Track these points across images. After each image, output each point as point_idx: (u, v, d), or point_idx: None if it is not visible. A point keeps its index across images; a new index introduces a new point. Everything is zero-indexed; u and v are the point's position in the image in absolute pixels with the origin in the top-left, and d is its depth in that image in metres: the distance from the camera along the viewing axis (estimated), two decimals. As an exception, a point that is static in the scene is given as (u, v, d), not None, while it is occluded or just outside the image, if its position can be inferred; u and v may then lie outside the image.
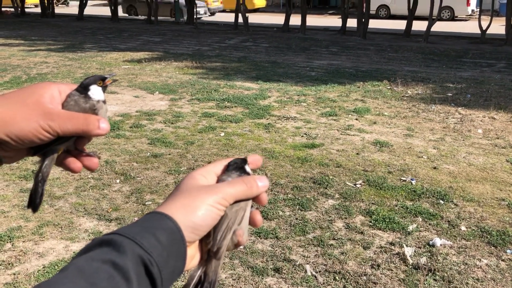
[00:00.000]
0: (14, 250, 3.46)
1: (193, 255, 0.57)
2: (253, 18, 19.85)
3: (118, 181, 4.68)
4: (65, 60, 11.67)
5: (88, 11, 23.61)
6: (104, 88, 0.64)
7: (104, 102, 0.63)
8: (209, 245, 0.59)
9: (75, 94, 0.60)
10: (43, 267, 3.25)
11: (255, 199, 0.61)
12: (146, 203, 4.20)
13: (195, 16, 19.32)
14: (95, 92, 0.62)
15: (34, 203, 0.61)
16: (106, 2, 24.42)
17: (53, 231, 3.73)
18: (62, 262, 3.30)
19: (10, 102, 0.54)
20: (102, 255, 0.47)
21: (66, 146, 0.61)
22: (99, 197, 4.32)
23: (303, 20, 16.68)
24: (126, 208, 4.12)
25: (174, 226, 0.52)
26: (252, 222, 0.63)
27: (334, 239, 3.62)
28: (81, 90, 0.61)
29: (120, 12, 22.72)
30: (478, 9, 15.06)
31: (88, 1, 23.72)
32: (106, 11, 23.60)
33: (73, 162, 0.62)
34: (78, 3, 20.30)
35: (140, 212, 4.04)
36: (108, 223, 3.87)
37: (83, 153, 0.62)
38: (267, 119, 6.76)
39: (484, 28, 14.03)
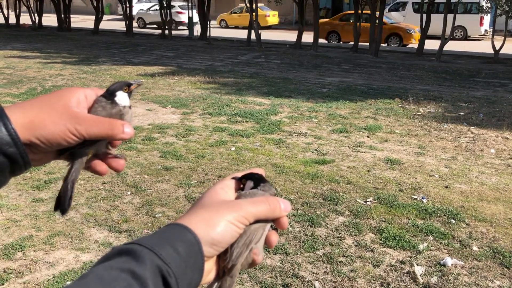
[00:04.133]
0: (25, 259, 3.49)
1: (209, 270, 0.57)
2: (266, 35, 20.03)
3: (129, 193, 4.71)
4: (80, 73, 11.86)
5: (103, 25, 24.03)
6: (130, 94, 0.65)
7: (130, 107, 0.64)
8: (225, 262, 0.58)
9: (102, 100, 0.61)
10: (53, 277, 3.26)
11: (275, 221, 0.61)
12: (156, 215, 4.22)
13: (208, 33, 19.55)
14: (121, 97, 0.63)
15: (63, 206, 0.63)
16: (121, 17, 24.84)
17: (64, 241, 3.75)
18: (71, 272, 3.32)
19: (40, 106, 0.56)
20: (121, 264, 0.47)
21: (95, 149, 0.62)
22: (110, 209, 4.35)
23: (315, 37, 16.79)
24: (136, 220, 4.14)
25: (193, 239, 0.53)
26: (267, 242, 0.62)
27: (343, 256, 3.59)
28: (107, 96, 0.62)
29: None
30: (492, 29, 15.04)
31: (104, 16, 24.17)
32: (121, 26, 24.00)
33: (99, 164, 0.64)
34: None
35: (150, 225, 4.05)
36: (118, 235, 3.89)
37: (110, 155, 0.64)
38: (278, 134, 6.78)
39: (497, 48, 13.99)
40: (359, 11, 16.18)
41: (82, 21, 29.54)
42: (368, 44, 16.26)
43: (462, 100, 9.06)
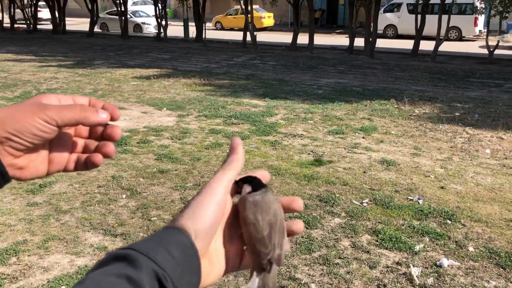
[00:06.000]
0: (19, 264, 3.46)
1: (207, 272, 0.56)
2: (261, 37, 20.03)
3: (124, 196, 4.69)
4: (75, 76, 11.82)
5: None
6: None
7: None
8: (265, 255, 0.58)
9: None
10: (48, 282, 3.24)
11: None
12: (152, 218, 4.20)
13: (204, 35, 19.54)
14: None
15: None
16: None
17: (59, 246, 3.73)
18: (66, 277, 3.29)
19: (10, 107, 0.55)
20: (118, 270, 0.47)
21: None
22: (105, 212, 4.33)
23: (311, 39, 16.81)
24: (131, 224, 4.12)
25: (188, 241, 0.52)
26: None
27: (340, 258, 3.58)
28: None
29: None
30: (486, 30, 15.10)
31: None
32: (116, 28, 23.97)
33: (93, 156, 0.60)
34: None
35: (145, 228, 4.04)
36: (114, 238, 3.87)
37: (99, 142, 0.61)
38: (274, 136, 6.77)
39: (491, 48, 14.05)
40: (353, 14, 16.21)
41: (77, 23, 29.45)
42: (363, 45, 16.28)
43: (457, 100, 9.08)
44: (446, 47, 16.11)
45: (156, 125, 7.30)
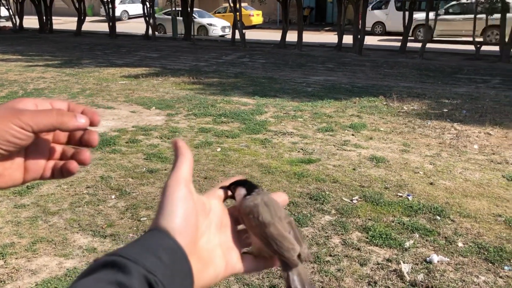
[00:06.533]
0: (6, 267, 3.42)
1: (199, 268, 0.55)
2: (250, 35, 19.99)
3: (113, 196, 4.65)
4: (62, 76, 11.70)
5: (86, 26, 23.76)
6: None
7: None
8: (295, 252, 0.59)
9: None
10: (36, 285, 3.20)
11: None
12: (141, 219, 4.17)
13: (192, 33, 19.45)
14: None
15: None
16: (104, 18, 24.56)
17: (47, 248, 3.69)
18: (55, 280, 3.25)
19: None
20: (107, 276, 0.46)
21: None
22: (94, 213, 4.29)
23: (300, 36, 16.82)
24: (121, 224, 4.09)
25: (174, 244, 0.51)
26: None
27: (330, 255, 3.59)
28: None
29: (122, 29, 22.84)
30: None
31: (87, 17, 23.92)
32: (104, 27, 23.75)
33: (69, 163, 0.59)
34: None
35: (135, 228, 4.00)
36: (103, 239, 3.83)
37: (75, 149, 0.60)
38: (264, 134, 6.76)
39: (478, 44, 14.17)
40: (342, 11, 16.25)
41: (64, 22, 29.15)
42: (352, 42, 16.33)
43: (445, 96, 9.15)
44: (434, 43, 16.22)
45: (145, 125, 7.25)
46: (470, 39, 15.05)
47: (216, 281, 0.58)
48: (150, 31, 20.29)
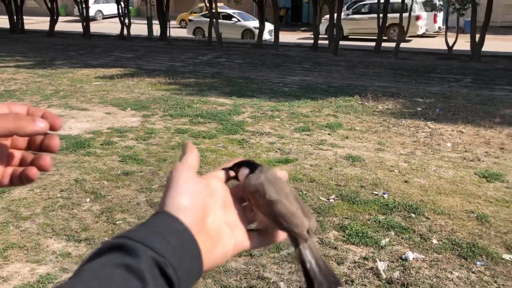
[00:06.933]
0: (-24, 275, 3.32)
1: (208, 247, 0.55)
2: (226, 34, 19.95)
3: (88, 200, 4.56)
4: (35, 77, 11.44)
5: (59, 27, 23.29)
6: None
7: None
8: (303, 227, 0.59)
9: None
10: (7, 292, 3.12)
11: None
12: (117, 222, 4.11)
13: (168, 33, 19.29)
14: None
15: None
16: (78, 18, 24.12)
17: (19, 254, 3.59)
18: (27, 287, 3.18)
19: None
20: (115, 260, 0.46)
21: None
22: (68, 217, 4.20)
23: (276, 36, 16.87)
24: (96, 228, 4.02)
25: (182, 227, 0.51)
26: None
27: (308, 255, 3.60)
28: None
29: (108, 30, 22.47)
30: (445, 26, 15.54)
31: (59, 17, 23.45)
32: (78, 27, 23.34)
33: (28, 169, 0.57)
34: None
35: (110, 232, 3.94)
36: (78, 244, 3.76)
37: (34, 155, 0.58)
38: (241, 134, 6.75)
39: (450, 44, 14.47)
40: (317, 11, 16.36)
41: (36, 22, 28.51)
42: (327, 43, 16.47)
43: (419, 95, 9.30)
44: (408, 43, 16.49)
45: (120, 126, 7.15)
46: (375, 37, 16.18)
47: (226, 259, 0.59)
48: (125, 31, 20.03)
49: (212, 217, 0.58)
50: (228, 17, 21.97)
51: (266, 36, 19.93)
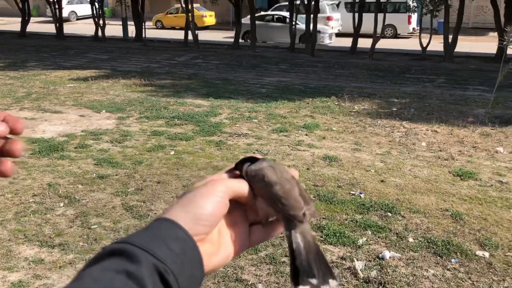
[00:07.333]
0: None
1: (211, 253, 0.55)
2: (204, 36, 19.84)
3: (61, 204, 4.46)
4: (6, 79, 11.15)
5: (31, 28, 22.78)
6: None
7: None
8: (300, 210, 0.59)
9: None
10: (-23, 301, 3.02)
11: None
12: (92, 226, 4.03)
13: (144, 34, 19.08)
14: None
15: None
16: (51, 19, 23.62)
17: (-11, 261, 3.48)
18: (-2, 295, 3.08)
19: None
20: (116, 265, 0.46)
21: None
22: (41, 222, 4.10)
23: (253, 37, 16.87)
24: (70, 233, 3.93)
25: (185, 234, 0.51)
26: None
27: (286, 256, 3.59)
28: None
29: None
30: (419, 28, 15.80)
31: (31, 18, 22.93)
32: (51, 28, 22.87)
33: None
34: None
35: (85, 237, 3.86)
36: (51, 250, 3.67)
37: None
38: (219, 136, 6.71)
39: (424, 45, 14.72)
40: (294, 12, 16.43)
41: (7, 23, 27.86)
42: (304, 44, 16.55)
43: (394, 96, 9.43)
44: (383, 44, 16.71)
45: (95, 129, 7.03)
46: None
47: (228, 261, 0.59)
48: (99, 32, 19.73)
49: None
50: (283, 19, 19.31)
51: (326, 40, 18.56)
